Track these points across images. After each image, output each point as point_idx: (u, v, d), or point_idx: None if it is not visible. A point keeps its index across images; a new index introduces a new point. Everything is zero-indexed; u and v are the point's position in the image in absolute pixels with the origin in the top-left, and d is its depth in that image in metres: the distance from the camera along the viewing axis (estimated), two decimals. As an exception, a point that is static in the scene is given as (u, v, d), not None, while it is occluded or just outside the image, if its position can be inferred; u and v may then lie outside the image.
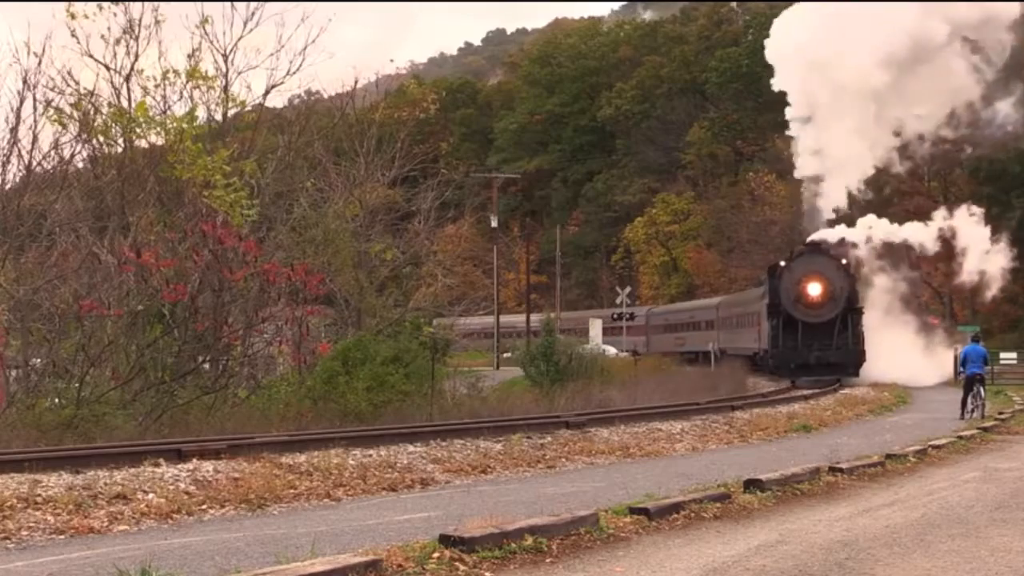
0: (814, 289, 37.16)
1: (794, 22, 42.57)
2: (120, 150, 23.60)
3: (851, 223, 41.13)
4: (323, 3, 39.75)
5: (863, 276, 40.58)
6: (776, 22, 44.84)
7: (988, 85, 40.66)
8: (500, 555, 7.66)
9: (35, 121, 21.35)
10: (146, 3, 24.02)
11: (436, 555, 7.41)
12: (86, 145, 23.40)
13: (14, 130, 20.71)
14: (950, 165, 56.85)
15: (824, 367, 36.19)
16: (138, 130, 22.86)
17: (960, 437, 17.78)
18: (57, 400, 17.72)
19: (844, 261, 38.22)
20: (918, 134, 42.12)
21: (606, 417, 18.84)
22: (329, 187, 29.81)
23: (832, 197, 40.93)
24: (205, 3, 61.63)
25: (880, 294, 41.13)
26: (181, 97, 24.29)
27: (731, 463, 14.24)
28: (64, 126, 22.26)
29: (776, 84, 42.84)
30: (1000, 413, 23.50)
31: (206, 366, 20.96)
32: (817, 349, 36.46)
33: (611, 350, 48.47)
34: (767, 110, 63.75)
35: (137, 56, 23.68)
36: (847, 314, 37.04)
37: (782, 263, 39.03)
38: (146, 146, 24.21)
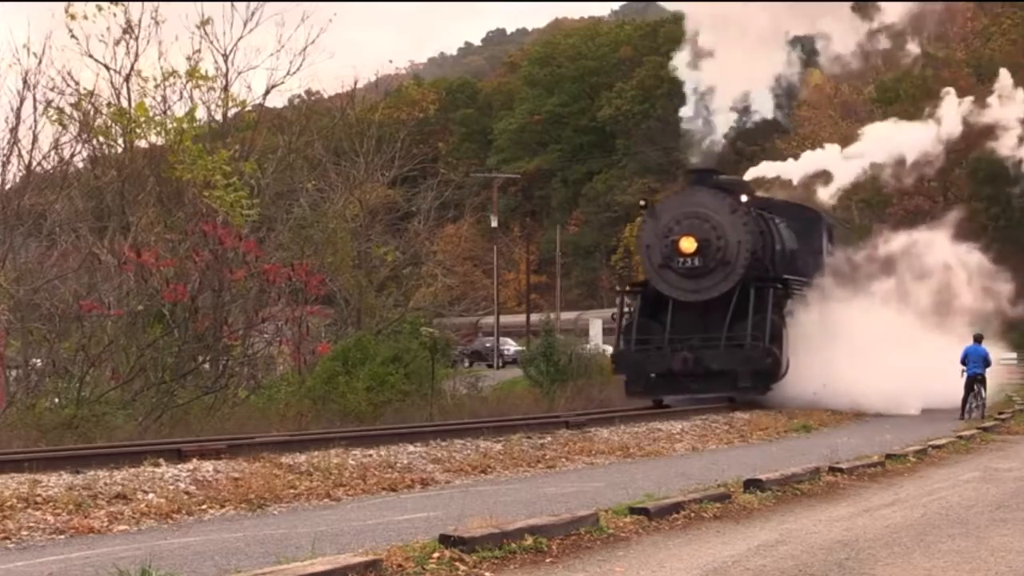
0: (688, 246, 22.65)
1: None
2: (120, 150, 23.66)
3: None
4: (323, 3, 39.77)
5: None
6: None
7: None
8: (500, 555, 7.65)
9: (35, 121, 21.52)
10: (146, 3, 24.11)
11: (436, 555, 7.40)
12: (86, 145, 23.53)
13: (14, 130, 20.83)
14: (950, 165, 56.34)
15: (701, 378, 22.41)
16: (138, 130, 22.94)
17: (960, 437, 17.77)
18: (57, 400, 17.78)
19: (745, 198, 23.36)
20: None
21: (606, 417, 18.84)
22: (329, 187, 29.87)
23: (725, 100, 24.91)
24: (205, 3, 61.54)
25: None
26: (181, 97, 24.40)
27: (731, 463, 14.22)
28: (64, 126, 22.40)
29: None
30: (1000, 413, 23.49)
31: (206, 366, 21.04)
32: (688, 348, 22.38)
33: (611, 350, 48.32)
34: (767, 110, 63.62)
35: (137, 56, 23.79)
36: (749, 289, 22.52)
37: (642, 202, 25.57)
38: (146, 146, 24.29)
